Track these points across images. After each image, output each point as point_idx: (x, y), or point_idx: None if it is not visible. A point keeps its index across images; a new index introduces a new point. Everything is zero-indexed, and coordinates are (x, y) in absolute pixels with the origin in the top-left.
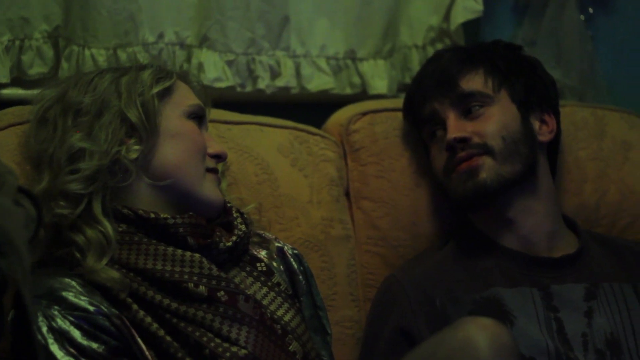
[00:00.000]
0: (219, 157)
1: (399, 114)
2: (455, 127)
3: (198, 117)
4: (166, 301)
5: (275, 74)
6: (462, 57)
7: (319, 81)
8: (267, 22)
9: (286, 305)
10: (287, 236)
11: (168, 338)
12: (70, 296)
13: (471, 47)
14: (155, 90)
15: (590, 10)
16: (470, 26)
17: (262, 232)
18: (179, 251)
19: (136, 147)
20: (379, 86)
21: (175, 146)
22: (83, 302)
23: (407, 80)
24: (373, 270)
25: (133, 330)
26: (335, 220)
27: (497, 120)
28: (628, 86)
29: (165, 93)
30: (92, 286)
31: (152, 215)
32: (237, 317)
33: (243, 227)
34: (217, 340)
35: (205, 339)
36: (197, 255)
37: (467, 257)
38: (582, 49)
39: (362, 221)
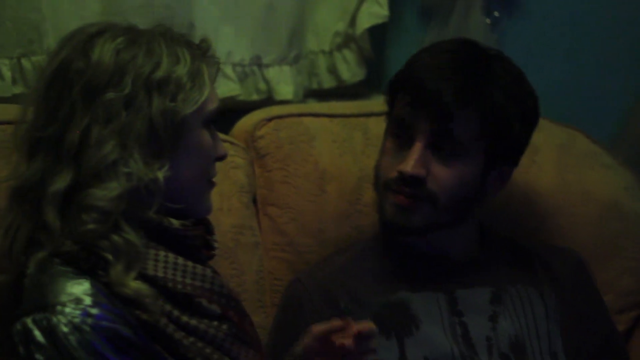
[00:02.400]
0: (221, 159)
1: (305, 119)
2: (418, 161)
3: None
4: (176, 312)
5: None
6: (460, 85)
7: (225, 88)
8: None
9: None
10: None
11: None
12: (96, 303)
13: (474, 68)
14: (190, 109)
15: (496, 13)
16: (376, 31)
17: None
18: (190, 263)
19: (167, 173)
20: (285, 92)
21: (191, 165)
22: (108, 311)
23: (314, 85)
24: (280, 277)
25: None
26: (246, 227)
27: (458, 176)
28: (535, 89)
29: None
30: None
31: (169, 223)
32: (246, 339)
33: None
34: (227, 359)
35: (216, 356)
36: (209, 270)
37: (374, 259)
38: None
39: (268, 227)
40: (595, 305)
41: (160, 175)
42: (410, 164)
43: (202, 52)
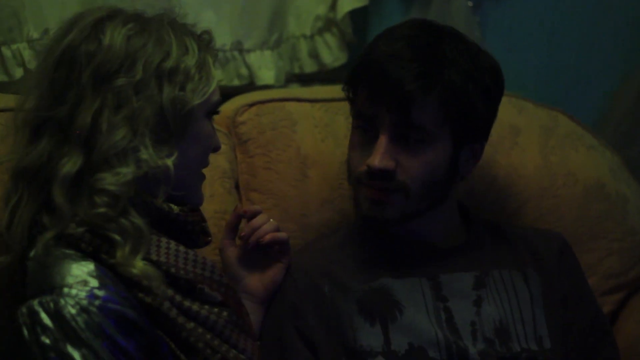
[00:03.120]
0: (216, 150)
1: (287, 104)
2: (385, 154)
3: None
4: (178, 297)
5: None
6: (420, 71)
7: None
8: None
9: None
10: None
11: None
12: (102, 285)
13: (431, 52)
14: (198, 100)
15: None
16: (357, 14)
17: None
18: (191, 251)
19: (176, 161)
20: (267, 77)
21: (193, 153)
22: (114, 293)
23: (296, 70)
24: None
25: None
26: (229, 213)
27: (427, 162)
28: (517, 71)
29: None
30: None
31: (169, 209)
32: (244, 327)
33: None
34: (226, 346)
35: (216, 342)
36: (209, 260)
37: (356, 244)
38: (471, 35)
39: None
40: (579, 287)
41: (170, 162)
42: (377, 158)
43: (205, 43)
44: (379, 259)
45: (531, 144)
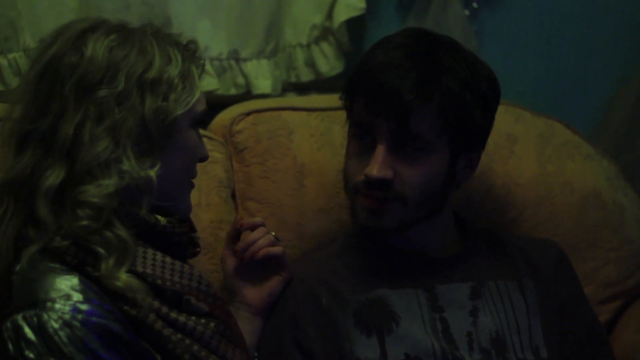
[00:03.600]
0: (203, 160)
1: (283, 113)
2: (383, 163)
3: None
4: (165, 309)
5: None
6: (418, 80)
7: (202, 82)
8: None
9: None
10: None
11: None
12: (86, 299)
13: (428, 61)
14: (181, 110)
15: (475, 5)
16: (354, 23)
17: None
18: (178, 262)
19: (159, 172)
20: (263, 86)
21: (177, 164)
22: (98, 306)
23: (292, 79)
24: None
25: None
26: (225, 222)
27: (425, 171)
28: (513, 79)
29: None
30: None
31: (156, 221)
32: (233, 338)
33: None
34: (214, 357)
35: (203, 353)
36: (196, 270)
37: (353, 255)
38: (467, 44)
39: None
40: (576, 296)
41: (153, 173)
42: (375, 168)
43: (190, 52)
44: (376, 269)
45: (528, 152)
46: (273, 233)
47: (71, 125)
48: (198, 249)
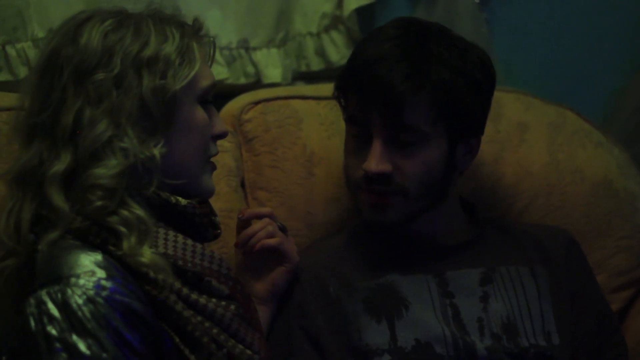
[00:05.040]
0: (222, 137)
1: (292, 102)
2: (381, 157)
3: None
4: (185, 290)
5: None
6: (409, 72)
7: (213, 72)
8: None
9: None
10: None
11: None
12: (109, 276)
13: (418, 51)
14: (180, 83)
15: None
16: (364, 12)
17: None
18: (199, 245)
19: (162, 149)
20: (273, 75)
21: (186, 141)
22: (122, 284)
23: (303, 68)
24: None
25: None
26: (234, 211)
27: (423, 162)
28: (524, 67)
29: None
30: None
31: (174, 200)
32: (252, 322)
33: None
34: (233, 341)
35: (222, 337)
36: (217, 253)
37: (362, 243)
38: (478, 32)
39: None
40: (587, 283)
41: (156, 152)
42: (373, 163)
43: (194, 30)
44: (385, 256)
45: (539, 141)
46: (279, 223)
47: (71, 112)
48: (219, 231)
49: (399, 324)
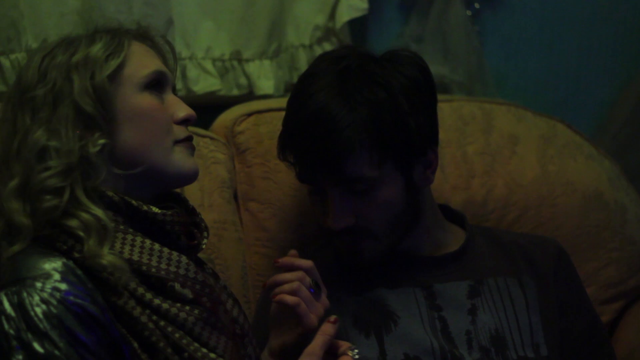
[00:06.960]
0: (187, 121)
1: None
2: (339, 213)
3: (157, 84)
4: (148, 295)
5: None
6: (339, 126)
7: (205, 83)
8: (150, 25)
9: (237, 307)
10: None
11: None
12: (65, 279)
13: (342, 105)
14: (107, 72)
15: (477, 5)
16: (356, 24)
17: None
18: (166, 250)
19: (100, 141)
20: (266, 86)
21: (136, 129)
22: (77, 288)
23: (295, 79)
24: (262, 272)
25: (119, 325)
26: (228, 223)
27: (382, 202)
28: (516, 80)
29: (118, 69)
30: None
31: (145, 208)
32: (218, 325)
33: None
34: (196, 345)
35: (184, 341)
36: (185, 257)
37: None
38: (469, 45)
39: (250, 223)
40: (576, 294)
41: (94, 144)
42: (333, 220)
43: (138, 32)
44: (372, 270)
45: (530, 153)
46: (313, 280)
47: (20, 132)
48: (195, 242)
49: (387, 338)
